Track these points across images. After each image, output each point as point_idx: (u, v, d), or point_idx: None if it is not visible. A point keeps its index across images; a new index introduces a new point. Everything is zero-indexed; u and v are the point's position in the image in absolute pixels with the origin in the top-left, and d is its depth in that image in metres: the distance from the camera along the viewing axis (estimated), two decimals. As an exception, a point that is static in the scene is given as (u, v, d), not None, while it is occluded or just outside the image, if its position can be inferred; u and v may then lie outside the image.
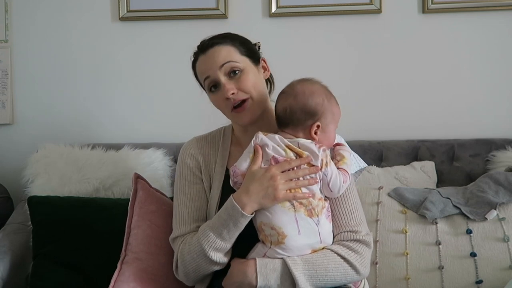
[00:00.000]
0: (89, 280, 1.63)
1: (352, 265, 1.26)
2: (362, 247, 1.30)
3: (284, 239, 1.23)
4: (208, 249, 1.25)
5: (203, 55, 1.39)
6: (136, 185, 1.63)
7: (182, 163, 1.46)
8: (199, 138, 1.50)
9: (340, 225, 1.32)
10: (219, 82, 1.35)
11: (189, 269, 1.30)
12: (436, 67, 2.14)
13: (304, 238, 1.25)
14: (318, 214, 1.26)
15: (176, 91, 2.19)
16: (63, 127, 2.21)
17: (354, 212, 1.34)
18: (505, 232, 1.57)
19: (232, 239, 1.26)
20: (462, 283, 1.53)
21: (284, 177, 1.24)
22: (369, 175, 1.87)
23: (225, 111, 1.39)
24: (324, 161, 1.27)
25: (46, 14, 2.23)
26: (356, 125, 2.12)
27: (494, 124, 2.11)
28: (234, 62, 1.36)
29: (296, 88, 1.32)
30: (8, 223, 1.91)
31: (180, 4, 2.18)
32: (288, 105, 1.31)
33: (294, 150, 1.28)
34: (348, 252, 1.27)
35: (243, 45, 1.41)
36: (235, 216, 1.23)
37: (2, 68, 2.24)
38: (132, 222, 1.57)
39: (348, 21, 2.16)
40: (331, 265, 1.25)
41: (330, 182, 1.28)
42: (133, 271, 1.47)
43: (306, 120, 1.30)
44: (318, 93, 1.31)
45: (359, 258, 1.28)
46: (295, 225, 1.24)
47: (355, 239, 1.30)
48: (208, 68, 1.36)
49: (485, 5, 2.10)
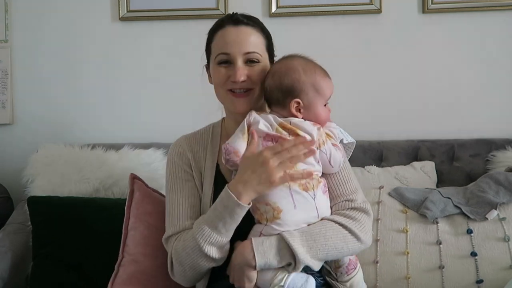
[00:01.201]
0: (89, 280, 1.63)
1: (351, 231, 1.23)
2: (359, 214, 1.27)
3: (279, 214, 1.20)
4: (203, 244, 1.20)
5: (233, 27, 1.33)
6: (133, 186, 1.62)
7: (171, 162, 1.42)
8: (187, 136, 1.47)
9: (336, 196, 1.30)
10: (234, 63, 1.32)
11: (185, 267, 1.25)
12: (436, 67, 2.14)
13: (300, 212, 1.22)
14: (314, 188, 1.23)
15: (176, 91, 2.19)
16: (63, 127, 2.21)
17: (348, 182, 1.32)
18: (506, 232, 1.57)
19: (229, 233, 1.21)
20: (463, 283, 1.53)
21: (277, 160, 1.18)
22: (369, 175, 1.87)
23: (221, 88, 1.35)
24: (321, 140, 1.25)
25: (46, 14, 2.23)
26: (356, 125, 2.11)
27: (494, 124, 2.11)
28: (259, 54, 1.33)
29: (274, 67, 1.31)
30: (8, 223, 1.91)
31: (180, 4, 2.18)
32: (268, 84, 1.29)
33: (287, 127, 1.25)
34: (346, 220, 1.25)
35: (269, 40, 1.40)
36: (231, 206, 1.18)
37: (2, 68, 2.24)
38: (129, 223, 1.57)
39: (348, 21, 2.16)
40: (329, 233, 1.21)
41: (331, 160, 1.26)
42: (130, 274, 1.47)
43: (285, 99, 1.27)
44: (294, 69, 1.27)
45: (358, 224, 1.25)
46: (291, 199, 1.21)
47: (352, 207, 1.28)
48: (233, 46, 1.31)
49: (485, 5, 2.10)
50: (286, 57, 1.32)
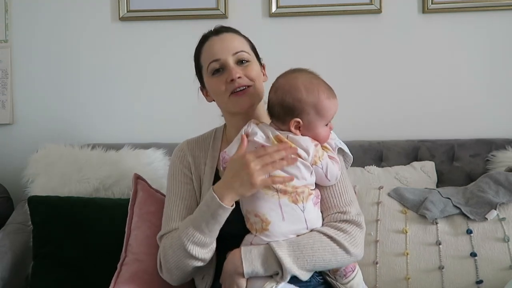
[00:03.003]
0: (89, 280, 1.63)
1: (340, 244, 1.23)
2: (351, 226, 1.27)
3: (268, 225, 1.21)
4: (186, 242, 1.22)
5: (216, 37, 1.38)
6: (136, 186, 1.64)
7: (173, 165, 1.47)
8: (190, 141, 1.51)
9: (329, 207, 1.30)
10: (227, 66, 1.34)
11: (171, 265, 1.27)
12: (436, 67, 2.14)
13: (288, 224, 1.23)
14: (304, 200, 1.24)
15: (176, 91, 2.19)
16: (63, 127, 2.21)
17: (344, 194, 1.31)
18: (505, 232, 1.56)
19: (213, 233, 1.23)
20: (462, 283, 1.53)
21: (259, 163, 1.19)
22: (369, 175, 1.87)
23: (223, 96, 1.36)
24: (317, 156, 1.25)
25: (46, 14, 2.23)
26: (356, 125, 2.12)
27: (494, 124, 2.11)
28: (246, 53, 1.37)
29: (278, 81, 1.31)
30: (8, 223, 1.91)
31: (180, 4, 2.18)
32: (270, 98, 1.31)
33: (283, 141, 1.25)
34: (336, 232, 1.25)
35: (251, 43, 1.44)
36: (213, 207, 1.20)
37: (2, 68, 2.24)
38: (132, 223, 1.58)
39: (348, 21, 2.16)
40: (317, 244, 1.22)
41: (327, 173, 1.27)
42: (132, 273, 1.48)
43: (285, 116, 1.27)
44: (297, 88, 1.26)
45: (348, 237, 1.25)
46: (279, 211, 1.22)
47: (344, 219, 1.27)
48: (220, 52, 1.35)
49: (485, 5, 2.10)
50: (291, 71, 1.32)
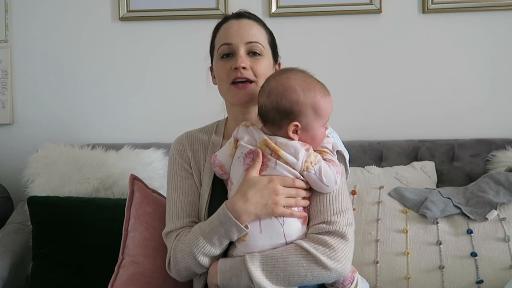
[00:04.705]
0: (89, 280, 1.63)
1: (316, 258, 1.14)
2: (333, 239, 1.17)
3: (245, 236, 1.19)
4: (197, 253, 1.22)
5: (236, 20, 1.35)
6: (133, 187, 1.62)
7: (172, 158, 1.43)
8: (190, 134, 1.46)
9: (315, 216, 1.22)
10: (236, 53, 1.31)
11: (180, 267, 1.27)
12: (436, 67, 2.14)
13: (265, 238, 1.19)
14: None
15: (176, 91, 2.19)
16: (63, 127, 2.21)
17: (335, 203, 1.22)
18: (506, 232, 1.57)
19: (223, 245, 1.22)
20: (463, 283, 1.53)
21: (285, 193, 1.18)
22: (369, 175, 1.87)
23: (224, 83, 1.32)
24: (309, 161, 1.19)
25: (46, 14, 2.23)
26: (356, 125, 2.12)
27: (494, 124, 2.11)
28: (261, 45, 1.32)
29: (270, 84, 1.22)
30: (8, 223, 1.91)
31: (180, 4, 2.18)
32: (263, 103, 1.22)
33: (270, 146, 1.20)
34: (313, 246, 1.16)
35: (272, 37, 1.39)
36: (228, 224, 1.18)
37: (2, 68, 2.24)
38: (129, 224, 1.56)
39: (348, 21, 2.16)
40: (291, 258, 1.15)
41: (323, 178, 1.19)
42: (130, 275, 1.47)
43: (282, 120, 1.20)
44: (292, 89, 1.19)
45: (328, 251, 1.15)
46: (257, 223, 1.19)
47: (327, 231, 1.18)
48: (234, 36, 1.31)
49: (485, 5, 2.10)
50: (281, 72, 1.25)
